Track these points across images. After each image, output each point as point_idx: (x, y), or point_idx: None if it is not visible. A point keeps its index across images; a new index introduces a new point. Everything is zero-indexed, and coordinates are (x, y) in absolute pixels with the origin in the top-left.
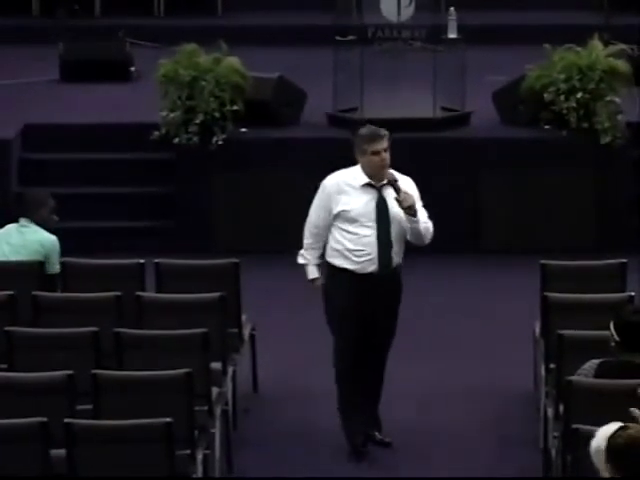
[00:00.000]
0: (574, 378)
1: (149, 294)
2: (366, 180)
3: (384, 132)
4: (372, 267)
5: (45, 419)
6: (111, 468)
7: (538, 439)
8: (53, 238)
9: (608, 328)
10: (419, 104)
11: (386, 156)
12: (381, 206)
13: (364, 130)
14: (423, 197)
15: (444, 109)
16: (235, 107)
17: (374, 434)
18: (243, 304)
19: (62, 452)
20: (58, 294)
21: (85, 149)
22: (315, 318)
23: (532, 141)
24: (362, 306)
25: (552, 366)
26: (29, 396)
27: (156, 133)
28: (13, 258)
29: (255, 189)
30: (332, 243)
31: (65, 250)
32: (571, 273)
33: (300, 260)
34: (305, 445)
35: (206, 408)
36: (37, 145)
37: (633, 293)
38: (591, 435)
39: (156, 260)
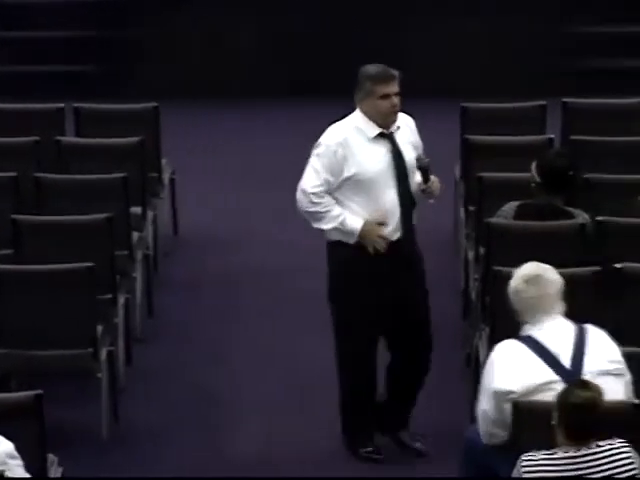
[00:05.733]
0: (493, 220)
1: (68, 138)
2: (378, 130)
3: (396, 72)
4: (397, 234)
5: None
6: (33, 313)
7: (459, 282)
8: None
9: (528, 170)
10: None
11: (397, 101)
12: (397, 159)
13: (372, 68)
14: None
15: None
16: None
17: (402, 435)
18: (163, 149)
19: None
20: None
21: None
22: (236, 162)
23: None
24: (392, 288)
25: (472, 209)
26: None
27: None
28: None
29: (186, 31)
30: None
31: None
32: (491, 115)
33: (329, 224)
34: (226, 287)
35: (127, 253)
36: None
37: (553, 135)
38: (511, 276)
39: (75, 105)
